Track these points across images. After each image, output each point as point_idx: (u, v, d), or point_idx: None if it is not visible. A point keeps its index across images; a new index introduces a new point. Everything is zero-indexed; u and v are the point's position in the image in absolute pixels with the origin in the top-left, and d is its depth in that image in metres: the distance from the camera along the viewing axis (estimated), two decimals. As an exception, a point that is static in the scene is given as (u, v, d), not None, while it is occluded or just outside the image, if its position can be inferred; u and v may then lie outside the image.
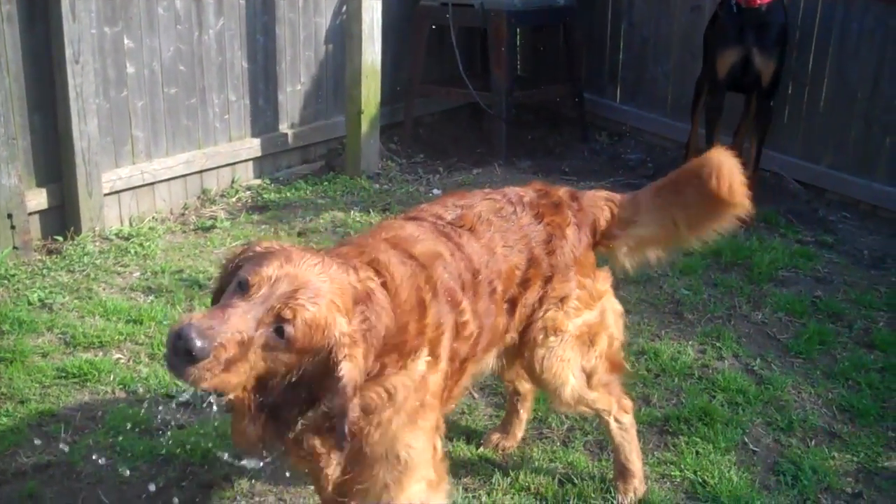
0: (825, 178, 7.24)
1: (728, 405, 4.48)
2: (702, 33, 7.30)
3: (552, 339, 3.42)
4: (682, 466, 4.00)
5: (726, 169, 3.47)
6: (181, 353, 2.34)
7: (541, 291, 3.35)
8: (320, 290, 2.51)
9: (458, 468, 3.98)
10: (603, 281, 3.58)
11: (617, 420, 3.75)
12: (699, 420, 4.32)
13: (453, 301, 2.97)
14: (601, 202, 3.56)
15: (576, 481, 3.91)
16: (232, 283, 2.54)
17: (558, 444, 4.20)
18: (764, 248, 6.17)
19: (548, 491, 3.84)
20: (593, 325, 3.52)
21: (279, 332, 2.44)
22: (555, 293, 3.38)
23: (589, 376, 3.57)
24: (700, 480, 3.92)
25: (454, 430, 4.24)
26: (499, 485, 3.88)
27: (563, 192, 3.54)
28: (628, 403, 3.79)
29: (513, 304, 3.29)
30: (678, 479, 3.95)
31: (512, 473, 3.95)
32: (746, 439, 4.24)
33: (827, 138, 7.25)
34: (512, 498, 3.81)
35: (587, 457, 4.11)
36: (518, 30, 8.67)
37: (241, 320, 2.40)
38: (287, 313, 2.44)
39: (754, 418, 4.39)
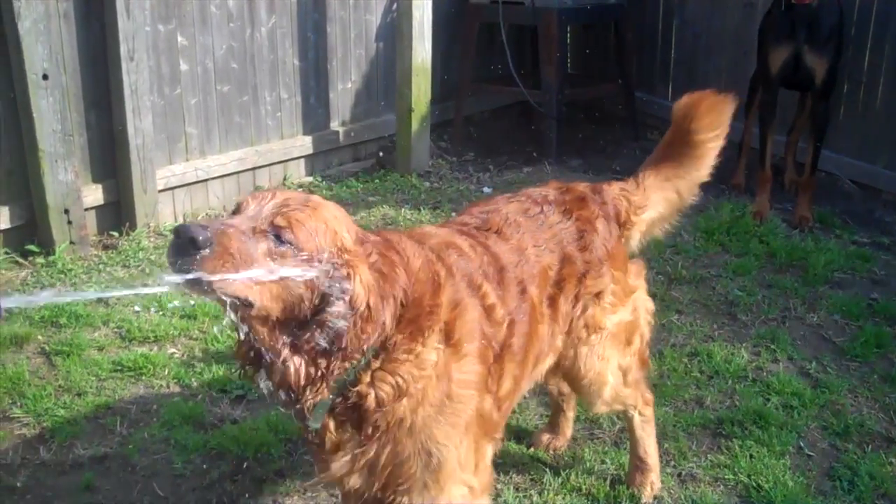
0: (881, 178, 7.13)
1: (783, 408, 4.42)
2: (755, 30, 7.21)
3: (594, 336, 3.39)
4: (736, 470, 3.96)
5: (694, 101, 3.59)
6: (184, 246, 2.21)
7: (576, 289, 3.30)
8: (312, 200, 2.46)
9: (508, 467, 3.97)
10: (635, 276, 3.56)
11: (641, 414, 3.75)
12: (753, 423, 4.27)
13: (472, 284, 2.86)
14: (618, 192, 3.54)
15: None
16: None
17: (609, 444, 4.17)
18: (819, 250, 6.09)
19: (599, 492, 3.82)
20: (629, 323, 3.49)
21: (278, 238, 2.34)
22: (589, 289, 3.32)
23: (625, 374, 3.55)
24: (754, 484, 3.88)
25: (505, 429, 4.20)
26: (550, 485, 3.86)
27: (583, 186, 3.51)
28: (650, 396, 3.78)
29: (553, 306, 3.22)
30: (732, 483, 3.90)
31: (563, 474, 3.93)
32: (802, 443, 4.18)
33: (883, 137, 7.13)
34: (563, 498, 3.80)
35: (639, 458, 4.07)
36: (569, 27, 8.63)
37: (237, 222, 2.33)
38: (280, 220, 2.35)
39: (810, 422, 4.33)
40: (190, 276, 2.22)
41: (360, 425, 2.63)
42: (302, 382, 2.46)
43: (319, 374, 2.46)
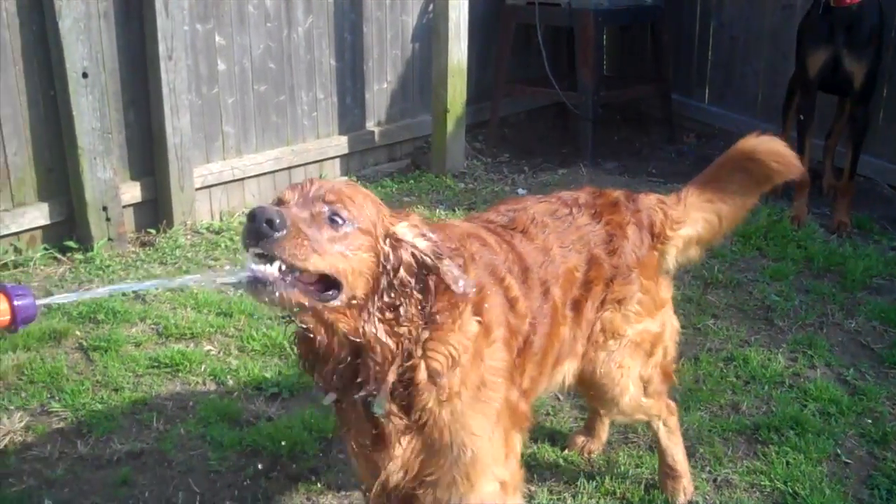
0: (921, 183, 7.05)
1: (820, 415, 4.37)
2: (793, 32, 7.13)
3: (611, 342, 3.35)
4: (772, 476, 3.92)
5: (784, 152, 3.53)
6: (263, 229, 2.20)
7: (602, 294, 3.27)
8: (350, 183, 2.52)
9: (543, 470, 3.97)
10: (666, 289, 3.51)
11: (665, 424, 3.71)
12: (790, 429, 4.22)
13: (495, 274, 2.84)
14: (655, 203, 3.48)
15: (663, 487, 3.86)
16: None
17: (644, 449, 4.14)
18: (857, 255, 6.03)
19: (634, 496, 3.80)
20: (654, 336, 3.45)
21: (335, 217, 2.35)
22: (614, 295, 3.29)
23: (646, 385, 3.51)
24: (791, 491, 3.84)
25: (539, 431, 4.23)
26: (584, 488, 3.84)
27: (618, 192, 3.47)
28: (673, 405, 3.75)
29: (577, 309, 3.19)
30: (768, 489, 3.87)
31: (597, 478, 3.91)
32: (839, 451, 4.13)
33: (923, 142, 7.05)
34: (597, 502, 3.78)
35: (674, 463, 4.05)
36: (605, 29, 8.60)
37: (297, 211, 2.33)
38: (331, 196, 2.37)
39: (847, 429, 4.28)
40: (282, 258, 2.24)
41: (409, 409, 2.62)
42: (390, 357, 2.48)
43: (401, 344, 2.48)
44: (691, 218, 3.54)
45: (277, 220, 2.21)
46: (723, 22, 8.67)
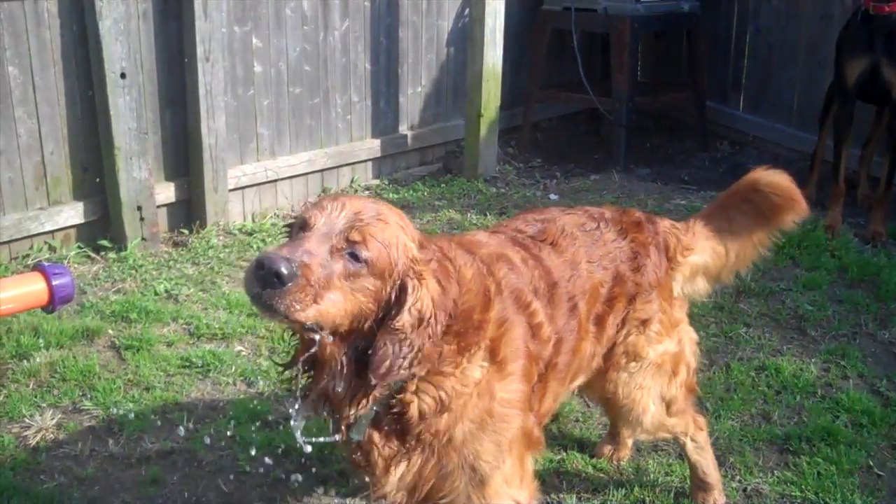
0: (959, 194, 6.94)
1: (852, 426, 4.33)
2: (831, 41, 7.07)
3: (633, 364, 3.37)
4: (804, 487, 3.89)
5: (785, 185, 3.55)
6: (269, 280, 2.26)
7: (624, 311, 3.29)
8: (382, 211, 2.48)
9: (571, 477, 3.96)
10: (679, 308, 3.53)
11: (693, 440, 3.70)
12: (822, 440, 4.19)
13: (520, 301, 2.85)
14: (669, 227, 3.51)
15: (692, 496, 3.84)
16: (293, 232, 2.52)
17: (674, 457, 4.12)
18: (892, 265, 5.94)
19: (663, 504, 3.80)
20: (675, 355, 3.46)
21: (354, 256, 2.37)
22: (636, 315, 3.31)
23: (669, 405, 3.52)
24: (822, 502, 3.81)
25: (567, 438, 4.23)
26: (613, 496, 3.83)
27: (639, 213, 3.50)
28: (702, 420, 3.74)
29: (600, 325, 3.21)
30: (799, 500, 3.84)
31: (626, 485, 3.90)
32: (871, 462, 4.09)
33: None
34: (626, 509, 3.78)
35: (704, 472, 4.02)
36: (640, 35, 8.56)
37: (315, 247, 2.35)
38: (355, 235, 2.38)
39: (880, 441, 4.24)
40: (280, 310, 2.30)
41: (403, 436, 2.65)
42: (346, 396, 2.51)
43: (364, 388, 2.50)
44: (699, 246, 3.57)
45: (286, 273, 2.26)
46: (760, 29, 8.61)
